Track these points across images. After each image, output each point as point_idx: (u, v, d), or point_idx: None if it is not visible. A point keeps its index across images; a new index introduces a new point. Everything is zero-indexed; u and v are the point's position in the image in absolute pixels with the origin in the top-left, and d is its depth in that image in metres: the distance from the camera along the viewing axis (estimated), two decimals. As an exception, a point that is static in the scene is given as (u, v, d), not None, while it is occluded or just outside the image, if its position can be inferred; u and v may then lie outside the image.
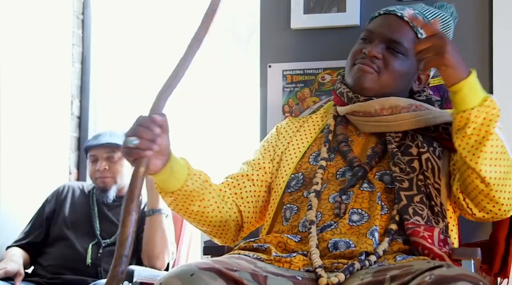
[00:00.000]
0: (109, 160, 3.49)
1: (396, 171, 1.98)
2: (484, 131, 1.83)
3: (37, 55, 4.18)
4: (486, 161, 1.85)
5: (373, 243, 1.86)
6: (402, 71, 2.09)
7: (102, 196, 3.50)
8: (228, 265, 1.68)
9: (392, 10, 2.16)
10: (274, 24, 2.63)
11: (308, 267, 1.82)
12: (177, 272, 1.64)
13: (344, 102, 2.14)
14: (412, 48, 2.08)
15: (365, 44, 2.14)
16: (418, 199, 1.93)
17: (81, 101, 4.49)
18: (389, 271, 1.66)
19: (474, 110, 1.82)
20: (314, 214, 1.95)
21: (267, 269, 1.75)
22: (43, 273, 3.42)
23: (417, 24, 1.99)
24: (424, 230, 1.87)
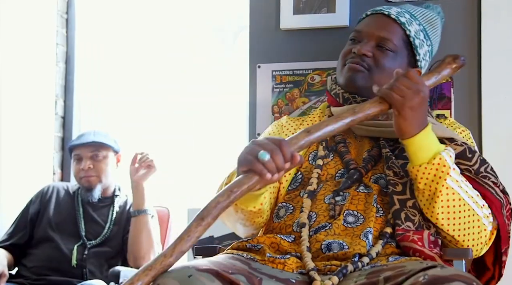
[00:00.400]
0: (93, 159, 3.47)
1: (390, 175, 1.98)
2: (434, 188, 1.88)
3: (21, 55, 4.15)
4: (442, 215, 1.89)
5: (366, 245, 1.86)
6: (392, 67, 2.09)
7: (87, 195, 3.48)
8: (224, 266, 1.68)
9: (379, 10, 2.19)
10: (264, 24, 2.63)
11: (301, 269, 1.82)
12: (174, 273, 1.63)
13: (339, 103, 2.14)
14: (401, 45, 2.12)
15: (354, 44, 2.15)
16: (411, 204, 1.94)
17: (65, 101, 4.46)
18: (383, 272, 1.67)
19: (422, 167, 1.87)
20: (306, 216, 1.95)
21: (262, 271, 1.75)
22: (27, 275, 3.40)
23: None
24: (414, 234, 1.88)
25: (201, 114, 4.25)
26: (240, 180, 1.71)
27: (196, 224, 1.67)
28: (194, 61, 4.33)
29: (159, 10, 4.47)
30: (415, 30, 2.16)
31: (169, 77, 4.42)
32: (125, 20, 4.53)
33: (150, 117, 4.43)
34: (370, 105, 1.88)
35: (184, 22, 4.41)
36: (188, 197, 4.22)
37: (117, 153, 3.57)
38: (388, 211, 1.95)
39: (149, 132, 4.42)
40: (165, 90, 4.42)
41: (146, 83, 4.46)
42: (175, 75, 4.41)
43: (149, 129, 4.43)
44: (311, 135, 1.79)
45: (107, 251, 3.38)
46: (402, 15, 2.16)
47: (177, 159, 4.31)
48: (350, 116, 1.85)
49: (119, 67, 4.52)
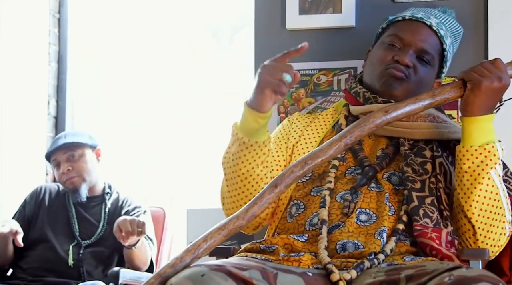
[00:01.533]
0: (70, 161, 3.44)
1: (408, 172, 1.98)
2: (477, 173, 1.89)
3: (13, 55, 4.13)
4: (476, 203, 1.91)
5: (381, 243, 1.87)
6: (427, 80, 2.12)
7: (75, 196, 3.46)
8: (237, 265, 1.67)
9: (419, 17, 2.16)
10: (269, 24, 2.62)
11: (317, 265, 1.81)
12: (187, 273, 1.63)
13: (359, 102, 2.14)
14: (437, 57, 2.14)
15: (394, 50, 2.13)
16: (429, 201, 1.94)
17: (58, 101, 4.44)
18: (403, 270, 1.67)
19: (472, 148, 1.90)
20: (327, 213, 1.95)
21: (277, 267, 1.74)
22: (23, 276, 3.37)
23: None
24: (432, 231, 1.88)
25: (202, 114, 4.24)
26: (315, 152, 1.80)
27: (269, 191, 1.76)
28: (191, 60, 4.33)
29: (152, 9, 4.46)
30: (449, 43, 2.17)
31: (162, 77, 4.42)
32: (118, 19, 4.52)
33: (144, 117, 4.42)
34: (450, 89, 1.92)
35: (180, 21, 4.40)
36: (187, 197, 4.22)
37: (95, 148, 3.53)
38: (400, 209, 1.95)
39: (144, 132, 4.41)
40: (159, 89, 4.41)
41: (140, 82, 4.45)
42: (168, 74, 4.40)
43: (144, 129, 4.41)
44: (388, 114, 1.86)
45: (103, 251, 3.37)
46: (441, 27, 2.16)
47: (176, 160, 4.30)
48: (429, 99, 1.90)
49: (112, 67, 4.51)
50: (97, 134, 3.66)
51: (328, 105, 2.53)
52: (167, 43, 4.43)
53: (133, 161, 4.49)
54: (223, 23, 4.34)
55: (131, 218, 3.07)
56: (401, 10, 2.45)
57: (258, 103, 1.91)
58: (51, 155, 3.50)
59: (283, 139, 2.21)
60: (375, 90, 2.12)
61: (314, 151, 1.82)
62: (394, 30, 2.18)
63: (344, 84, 2.54)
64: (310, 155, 1.81)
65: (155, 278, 1.66)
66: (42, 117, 4.32)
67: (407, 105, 1.90)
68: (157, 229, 3.60)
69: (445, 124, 2.10)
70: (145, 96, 4.45)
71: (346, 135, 1.85)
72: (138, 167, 4.50)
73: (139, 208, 3.46)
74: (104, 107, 4.52)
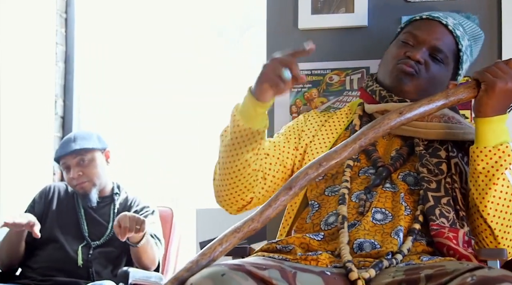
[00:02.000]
0: (80, 165, 3.43)
1: (423, 172, 1.98)
2: (491, 174, 1.90)
3: (21, 54, 4.13)
4: (491, 204, 1.91)
5: (398, 243, 1.87)
6: (439, 78, 2.12)
7: (85, 201, 3.46)
8: (256, 264, 1.67)
9: (436, 17, 2.17)
10: (281, 24, 2.61)
11: (335, 264, 1.81)
12: (207, 273, 1.62)
13: (375, 100, 2.14)
14: (451, 57, 2.13)
15: (407, 47, 2.14)
16: (445, 201, 1.94)
17: (65, 100, 4.44)
18: (422, 270, 1.66)
19: (486, 149, 1.91)
20: (346, 209, 1.95)
21: (295, 266, 1.74)
22: (32, 275, 3.38)
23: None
24: (449, 231, 1.88)
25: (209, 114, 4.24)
26: (330, 154, 1.81)
27: (284, 193, 1.76)
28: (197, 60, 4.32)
29: (158, 9, 4.46)
30: (466, 45, 2.17)
31: (169, 77, 4.41)
32: (124, 19, 4.52)
33: (151, 117, 4.42)
34: (464, 89, 1.93)
35: (187, 21, 4.40)
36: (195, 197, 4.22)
37: (105, 150, 3.53)
38: (415, 209, 1.95)
39: (151, 132, 4.41)
40: (165, 89, 4.41)
41: (146, 82, 4.45)
42: (174, 74, 4.40)
43: (151, 128, 4.42)
44: (403, 116, 1.87)
45: (112, 251, 3.37)
46: (458, 27, 2.16)
47: (183, 159, 4.30)
48: (443, 99, 1.90)
49: (119, 67, 4.51)
50: (104, 134, 3.65)
51: (341, 105, 2.53)
52: (174, 43, 4.43)
53: (140, 161, 4.50)
54: (230, 23, 4.34)
55: (131, 215, 3.06)
56: (414, 10, 2.46)
57: (258, 93, 1.92)
58: (60, 158, 3.50)
59: (293, 133, 2.22)
60: (388, 86, 2.13)
61: (328, 153, 1.83)
62: (410, 28, 2.19)
63: (356, 83, 2.54)
64: (325, 157, 1.81)
65: (171, 281, 1.66)
66: (49, 117, 4.32)
67: (421, 106, 1.90)
68: (165, 229, 3.60)
69: (460, 125, 2.10)
70: (152, 96, 4.45)
71: (360, 137, 1.85)
72: (145, 167, 4.50)
73: (147, 208, 3.47)
74: (111, 107, 4.52)
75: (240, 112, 1.98)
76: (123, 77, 4.50)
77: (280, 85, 1.86)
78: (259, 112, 1.96)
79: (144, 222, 3.06)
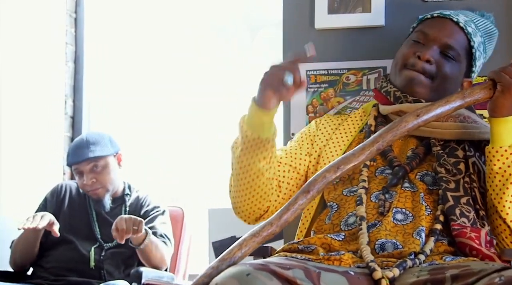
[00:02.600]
0: (93, 172, 3.43)
1: (442, 172, 1.98)
2: (508, 174, 1.91)
3: (31, 54, 4.13)
4: (508, 203, 1.91)
5: (420, 243, 1.86)
6: (452, 76, 2.12)
7: (98, 206, 3.47)
8: (280, 264, 1.66)
9: (447, 15, 2.16)
10: (298, 24, 2.61)
11: (358, 264, 1.80)
12: (232, 272, 1.62)
13: (389, 101, 2.14)
14: (463, 54, 2.12)
15: (418, 46, 2.13)
16: (465, 201, 1.94)
17: (75, 100, 4.44)
18: (447, 270, 1.66)
19: (502, 149, 1.92)
20: (364, 209, 1.94)
21: (319, 266, 1.74)
22: (45, 275, 3.38)
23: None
24: (471, 231, 1.88)
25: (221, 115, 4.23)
26: (347, 157, 1.81)
27: (302, 196, 1.77)
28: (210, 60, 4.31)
29: (168, 9, 4.46)
30: (478, 41, 2.17)
31: (180, 77, 4.41)
32: (134, 20, 4.51)
33: (161, 117, 4.41)
34: (480, 90, 1.93)
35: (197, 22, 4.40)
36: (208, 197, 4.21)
37: (117, 153, 3.53)
38: (435, 209, 1.95)
39: (161, 132, 4.41)
40: (177, 89, 4.40)
41: (157, 82, 4.45)
42: (187, 74, 4.40)
43: (161, 128, 4.41)
44: (420, 118, 1.87)
45: (124, 251, 3.37)
46: (469, 24, 2.16)
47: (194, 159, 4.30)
48: (460, 100, 1.90)
49: (128, 67, 4.51)
50: (114, 134, 3.65)
51: (357, 105, 2.53)
52: (185, 44, 4.43)
53: (151, 160, 4.49)
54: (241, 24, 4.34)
55: (128, 217, 3.07)
56: (431, 9, 2.45)
57: (261, 101, 1.92)
58: (73, 164, 3.49)
59: (306, 139, 2.23)
60: (400, 88, 2.12)
61: (346, 156, 1.83)
62: (421, 27, 2.19)
63: (373, 83, 2.54)
64: (342, 160, 1.82)
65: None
66: (59, 116, 4.33)
67: (438, 107, 1.90)
68: (176, 228, 3.60)
69: (476, 124, 2.10)
70: (163, 95, 4.45)
71: (378, 140, 1.85)
72: (156, 166, 4.50)
73: (158, 208, 3.47)
74: (121, 107, 4.52)
75: (247, 122, 1.98)
76: (132, 77, 4.49)
77: (282, 90, 1.86)
78: (265, 120, 1.95)
79: (142, 223, 3.07)
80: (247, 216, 2.13)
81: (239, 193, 2.08)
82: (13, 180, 3.97)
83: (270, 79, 1.87)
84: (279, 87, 1.85)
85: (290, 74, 1.83)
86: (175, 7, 4.46)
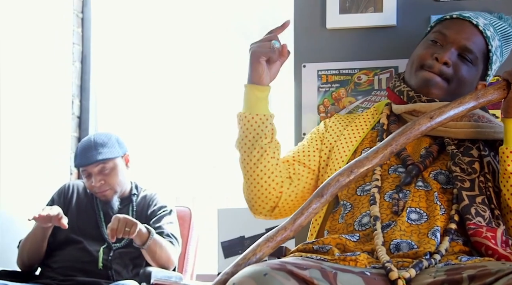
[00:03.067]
0: (102, 174, 3.44)
1: (457, 171, 1.97)
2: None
3: (38, 54, 4.13)
4: None
5: (435, 243, 1.85)
6: (468, 79, 2.11)
7: (107, 207, 3.47)
8: (297, 264, 1.66)
9: (467, 17, 2.14)
10: (309, 23, 2.60)
11: (373, 264, 1.80)
12: (249, 272, 1.61)
13: (402, 100, 2.13)
14: (481, 58, 2.12)
15: (435, 48, 2.12)
16: (480, 200, 1.93)
17: (81, 100, 4.45)
18: (464, 270, 1.65)
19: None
20: (378, 209, 1.94)
21: (335, 267, 1.73)
22: (53, 275, 3.39)
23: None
24: (487, 230, 1.87)
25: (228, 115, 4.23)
26: (361, 161, 1.83)
27: (315, 200, 1.80)
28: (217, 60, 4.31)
29: (176, 9, 4.45)
30: (496, 45, 2.16)
31: (187, 76, 4.40)
32: (141, 19, 4.51)
33: (168, 116, 4.41)
34: (494, 91, 1.92)
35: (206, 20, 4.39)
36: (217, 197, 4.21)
37: (124, 154, 3.53)
38: (450, 208, 1.94)
39: (168, 131, 4.41)
40: (183, 89, 4.40)
41: (163, 81, 4.44)
42: (193, 73, 4.39)
43: (168, 128, 4.41)
44: (433, 120, 1.88)
45: (132, 251, 3.37)
46: (488, 28, 2.14)
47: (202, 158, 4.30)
48: (473, 101, 1.91)
49: (135, 66, 4.50)
50: (121, 134, 3.65)
51: (369, 105, 2.52)
52: (192, 42, 4.42)
53: (159, 160, 4.49)
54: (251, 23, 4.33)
55: (123, 217, 3.10)
56: (443, 9, 2.45)
57: (254, 75, 2.06)
58: (80, 166, 3.49)
59: (315, 137, 2.24)
60: (414, 88, 2.12)
61: (359, 159, 1.84)
62: (439, 28, 2.17)
63: (385, 83, 2.53)
64: (356, 164, 1.83)
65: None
66: (66, 117, 4.33)
67: (451, 109, 1.90)
68: (183, 228, 3.61)
69: (490, 124, 2.09)
70: (171, 95, 4.44)
71: (391, 143, 1.86)
72: (164, 166, 4.50)
73: (165, 208, 3.47)
74: (128, 107, 4.52)
75: (244, 106, 2.09)
76: (139, 77, 4.50)
77: (274, 54, 2.02)
78: (259, 96, 2.07)
79: (136, 225, 3.09)
80: (263, 206, 2.14)
81: (248, 180, 2.12)
82: (20, 180, 3.97)
83: (259, 50, 2.03)
84: (268, 51, 2.02)
85: (275, 40, 2.03)
86: (183, 6, 4.45)
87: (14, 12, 3.98)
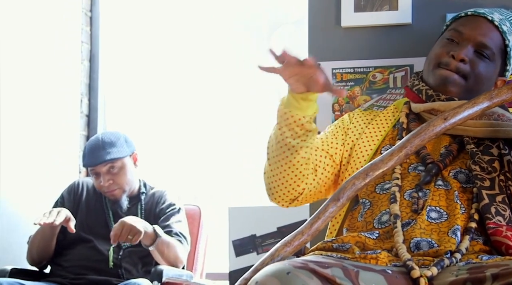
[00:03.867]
0: (110, 173, 3.44)
1: (476, 170, 1.96)
2: None
3: (46, 53, 4.13)
4: None
5: (456, 242, 1.85)
6: (486, 75, 2.10)
7: (115, 207, 3.48)
8: (318, 263, 1.65)
9: (482, 13, 2.14)
10: (323, 22, 2.60)
11: (394, 262, 1.79)
12: (272, 271, 1.61)
13: (421, 99, 2.13)
14: (498, 53, 2.11)
15: (452, 45, 2.12)
16: (500, 199, 1.92)
17: (90, 99, 4.45)
18: (486, 269, 1.64)
19: None
20: (398, 207, 1.93)
21: (356, 265, 1.73)
22: (64, 274, 3.39)
23: None
24: (507, 230, 1.86)
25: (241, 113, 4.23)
26: (376, 164, 1.84)
27: (332, 204, 1.81)
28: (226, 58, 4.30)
29: (182, 7, 4.45)
30: None
31: (196, 74, 4.40)
32: (150, 18, 4.51)
33: (178, 115, 4.41)
34: (508, 90, 1.92)
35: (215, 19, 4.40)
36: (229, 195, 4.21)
37: (132, 153, 3.52)
38: (469, 207, 1.93)
39: (177, 130, 4.40)
40: (192, 87, 4.40)
41: (172, 80, 4.44)
42: (202, 72, 4.39)
43: (178, 126, 4.41)
44: (447, 121, 1.89)
45: (141, 250, 3.37)
46: (504, 23, 2.14)
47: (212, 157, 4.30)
48: (487, 101, 1.90)
49: (144, 65, 4.50)
50: (130, 132, 3.65)
51: (384, 103, 2.52)
52: (201, 41, 4.42)
53: (170, 159, 4.49)
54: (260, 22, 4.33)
55: (128, 224, 3.10)
56: (459, 7, 2.44)
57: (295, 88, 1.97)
58: (89, 166, 3.49)
59: (340, 130, 2.21)
60: (432, 86, 2.11)
61: (375, 162, 1.84)
62: (455, 25, 2.16)
63: (400, 81, 2.53)
64: (371, 167, 1.83)
65: None
66: (75, 115, 4.33)
67: (465, 110, 1.90)
68: (193, 227, 3.61)
69: (510, 122, 2.08)
70: (180, 93, 4.44)
71: (406, 145, 1.86)
72: (175, 165, 4.50)
73: (173, 206, 3.47)
74: (137, 105, 4.52)
75: (284, 104, 2.01)
76: (148, 75, 4.50)
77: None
78: (303, 105, 1.98)
79: (139, 234, 3.10)
80: (282, 197, 2.11)
81: (275, 171, 2.06)
82: (29, 178, 3.97)
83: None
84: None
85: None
86: (191, 5, 4.45)
87: (23, 11, 3.98)
